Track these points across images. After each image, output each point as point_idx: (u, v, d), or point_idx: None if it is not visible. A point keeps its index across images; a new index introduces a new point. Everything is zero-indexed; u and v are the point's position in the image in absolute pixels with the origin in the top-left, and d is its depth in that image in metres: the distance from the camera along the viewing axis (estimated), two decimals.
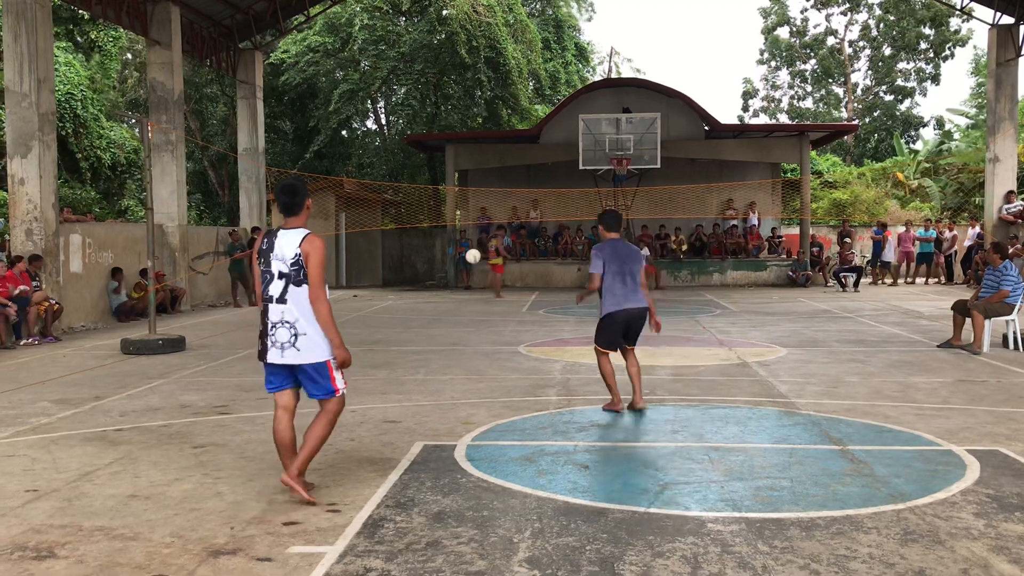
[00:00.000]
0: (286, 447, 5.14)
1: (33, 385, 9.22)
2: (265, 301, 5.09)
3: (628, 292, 7.30)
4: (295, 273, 4.99)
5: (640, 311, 7.41)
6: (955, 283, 23.24)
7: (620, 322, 7.34)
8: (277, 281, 5.03)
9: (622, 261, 7.33)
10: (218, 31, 21.71)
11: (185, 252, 18.67)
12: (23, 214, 13.84)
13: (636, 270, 7.39)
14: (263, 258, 5.09)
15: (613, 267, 7.29)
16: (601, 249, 7.40)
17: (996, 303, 10.89)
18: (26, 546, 4.37)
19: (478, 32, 28.97)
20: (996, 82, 21.84)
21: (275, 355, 5.05)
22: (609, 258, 7.32)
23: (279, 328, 5.02)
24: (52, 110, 14.31)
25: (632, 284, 7.32)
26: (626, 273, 7.31)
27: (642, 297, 7.39)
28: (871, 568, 3.98)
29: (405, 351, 11.37)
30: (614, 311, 7.31)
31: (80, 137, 24.80)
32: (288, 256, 4.99)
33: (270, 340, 5.05)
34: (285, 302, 5.01)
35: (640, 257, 7.53)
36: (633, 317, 7.41)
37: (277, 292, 5.03)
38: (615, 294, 7.29)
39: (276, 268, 5.03)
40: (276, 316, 5.04)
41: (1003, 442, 6.28)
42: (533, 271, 24.94)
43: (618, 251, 7.37)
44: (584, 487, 5.26)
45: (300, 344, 4.99)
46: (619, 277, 7.29)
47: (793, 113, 49.19)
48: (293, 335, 5.00)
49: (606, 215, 7.76)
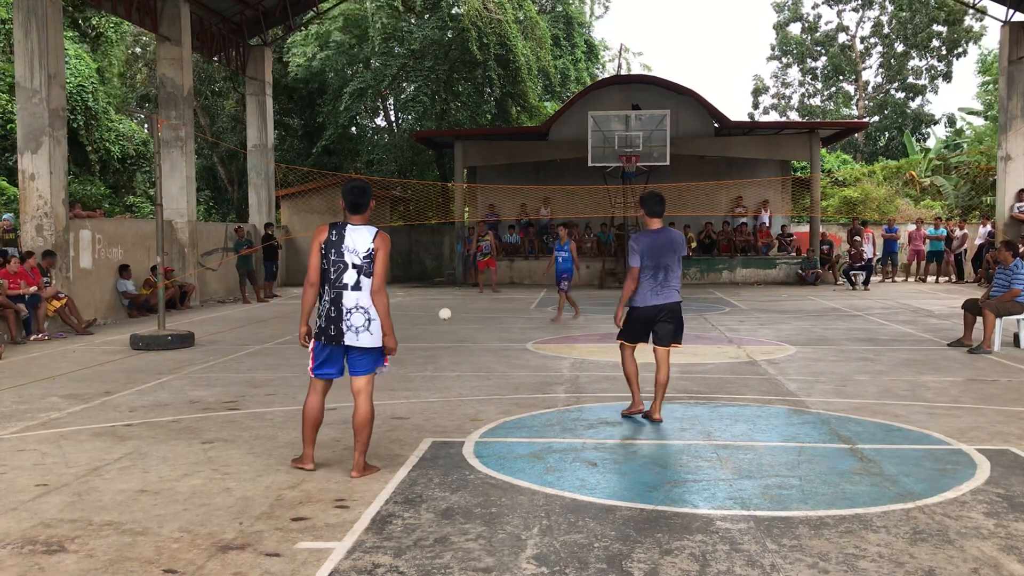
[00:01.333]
0: (316, 424, 5.59)
1: (43, 380, 9.26)
2: (338, 289, 5.38)
3: (658, 287, 6.87)
4: (367, 265, 5.39)
5: (670, 307, 6.93)
6: (966, 282, 23.14)
7: (645, 319, 6.95)
8: (351, 271, 5.38)
9: (658, 254, 6.85)
10: (228, 27, 21.75)
11: (194, 248, 18.72)
12: (33, 210, 13.89)
13: (672, 263, 6.90)
14: (333, 248, 5.40)
15: (648, 260, 6.85)
16: (639, 240, 6.90)
17: (1007, 302, 10.83)
18: (36, 540, 4.39)
19: (488, 29, 28.96)
20: (1008, 80, 21.69)
21: (351, 338, 5.37)
22: (647, 250, 6.85)
23: (355, 313, 5.37)
24: (62, 106, 14.35)
25: (664, 279, 6.88)
26: (660, 267, 6.87)
27: (674, 292, 6.93)
28: (880, 567, 3.96)
29: (413, 348, 11.38)
30: (639, 306, 6.94)
31: (91, 130, 24.88)
32: (361, 250, 5.39)
33: (345, 324, 5.36)
34: (360, 290, 5.38)
35: (680, 248, 6.97)
36: (661, 314, 6.92)
37: (352, 281, 5.38)
38: (643, 288, 6.90)
39: (349, 259, 5.39)
40: (351, 302, 5.37)
41: (1014, 441, 6.25)
42: (541, 268, 24.89)
43: (656, 243, 6.87)
44: (592, 484, 5.26)
45: (373, 329, 5.40)
46: (651, 271, 6.85)
47: (803, 110, 49.02)
48: (367, 320, 5.38)
49: (649, 199, 7.05)
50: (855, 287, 21.64)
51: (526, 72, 30.54)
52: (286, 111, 32.42)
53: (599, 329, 13.43)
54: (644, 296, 6.91)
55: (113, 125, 25.99)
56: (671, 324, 6.96)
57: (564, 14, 37.09)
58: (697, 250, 25.10)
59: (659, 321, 6.94)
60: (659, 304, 6.90)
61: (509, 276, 24.82)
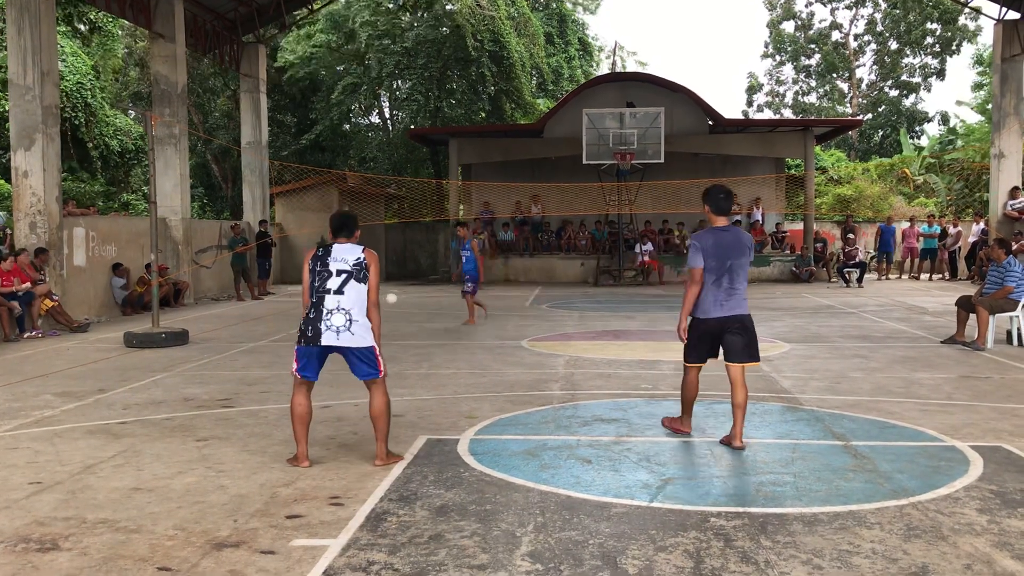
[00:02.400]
0: (305, 421, 5.62)
1: (36, 378, 9.23)
2: (320, 293, 5.51)
3: (722, 295, 6.03)
4: (357, 271, 5.53)
5: (738, 320, 6.06)
6: (959, 279, 23.20)
7: (709, 333, 6.11)
8: (335, 277, 5.51)
9: (724, 255, 6.01)
10: (221, 24, 21.70)
11: (188, 246, 18.68)
12: (27, 207, 13.85)
13: (739, 267, 6.04)
14: (319, 262, 5.58)
15: (712, 263, 6.01)
16: (702, 239, 6.09)
17: (1000, 299, 10.86)
18: (30, 538, 4.38)
19: (482, 26, 28.93)
20: (1001, 78, 21.76)
21: (330, 337, 5.46)
22: (711, 251, 6.01)
23: (335, 314, 5.47)
24: (56, 103, 14.31)
25: (730, 285, 6.02)
26: (724, 272, 6.02)
27: (742, 303, 6.07)
28: (874, 563, 3.97)
29: (408, 345, 11.37)
30: (699, 318, 6.12)
31: (91, 126, 24.87)
32: (350, 259, 5.56)
33: (324, 324, 5.46)
34: (343, 293, 5.49)
35: (747, 249, 6.09)
36: (728, 329, 6.07)
37: (335, 285, 5.50)
38: (705, 297, 6.06)
39: (335, 267, 5.53)
40: (332, 304, 5.48)
41: (1006, 438, 6.27)
42: (536, 266, 24.93)
43: (722, 242, 6.03)
44: (587, 481, 5.26)
45: (354, 329, 5.47)
46: (715, 275, 6.01)
47: (797, 108, 49.08)
48: (348, 320, 5.47)
49: (715, 193, 6.20)
50: (849, 284, 21.69)
51: (519, 69, 30.52)
52: (280, 108, 32.36)
53: (594, 327, 13.44)
54: (706, 306, 6.07)
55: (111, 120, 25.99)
56: (742, 337, 6.08)
57: (558, 11, 37.07)
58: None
59: (727, 334, 6.10)
60: (723, 317, 6.05)
61: (504, 274, 24.83)
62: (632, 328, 13.22)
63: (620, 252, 23.62)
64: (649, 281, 23.09)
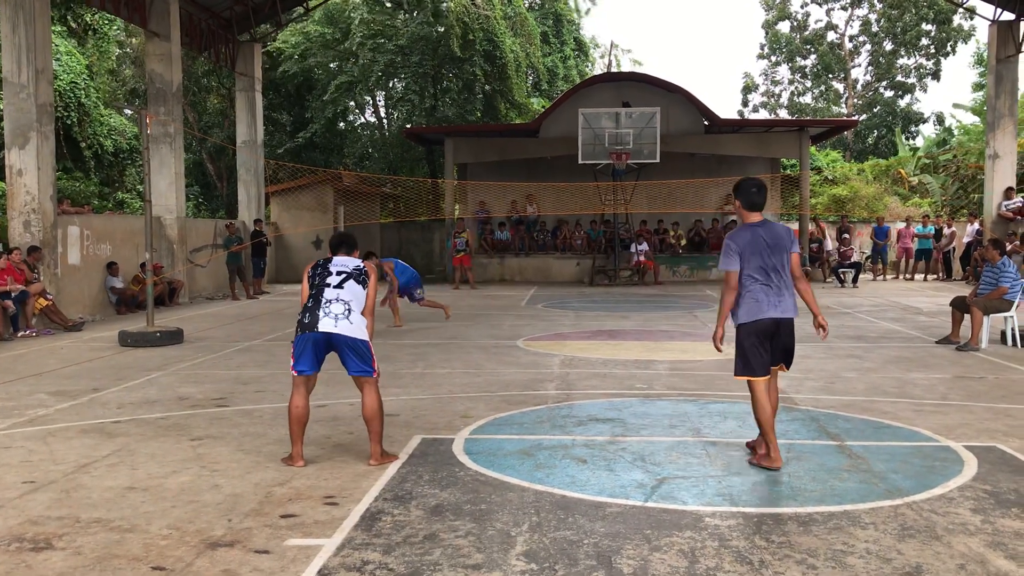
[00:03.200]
0: (302, 422, 5.64)
1: (30, 377, 9.21)
2: (319, 288, 5.59)
3: (774, 294, 5.51)
4: (357, 274, 5.67)
5: (788, 323, 5.58)
6: (954, 279, 23.26)
7: (763, 335, 5.54)
8: (335, 276, 5.63)
9: (765, 252, 5.52)
10: (217, 23, 21.66)
11: (183, 244, 18.65)
12: (21, 206, 13.81)
13: (783, 263, 5.56)
14: (320, 269, 5.71)
15: (753, 261, 5.51)
16: (736, 238, 5.60)
17: (995, 300, 10.89)
18: (23, 537, 4.37)
19: (476, 25, 28.90)
20: (996, 78, 21.83)
21: (328, 324, 5.48)
22: (748, 250, 5.53)
23: (334, 303, 5.52)
24: (50, 101, 14.27)
25: (778, 283, 5.52)
26: (770, 269, 5.52)
27: (792, 303, 5.57)
28: (868, 563, 3.98)
29: (403, 344, 11.36)
30: (751, 320, 5.54)
31: (84, 125, 24.82)
32: (350, 265, 5.72)
33: (323, 312, 5.50)
34: (342, 288, 5.58)
35: (789, 243, 5.61)
36: (782, 330, 5.58)
37: (335, 282, 5.60)
38: (755, 297, 5.52)
39: (335, 269, 5.67)
40: (331, 295, 5.55)
41: (1000, 438, 6.28)
42: (532, 265, 24.93)
43: (759, 239, 5.54)
44: (582, 481, 5.26)
45: (353, 319, 5.52)
46: (760, 274, 5.51)
47: (793, 108, 49.13)
48: (347, 310, 5.52)
49: (746, 187, 5.70)
50: (844, 284, 21.73)
51: (514, 69, 30.50)
52: (275, 107, 32.33)
53: (589, 326, 13.44)
54: (760, 306, 5.51)
55: (105, 119, 25.92)
56: (787, 342, 5.65)
57: (553, 11, 37.07)
58: (687, 247, 25.16)
59: (781, 339, 5.60)
60: (777, 318, 5.52)
61: (500, 273, 24.83)
62: (627, 328, 13.23)
63: (616, 252, 23.63)
64: (644, 281, 23.10)
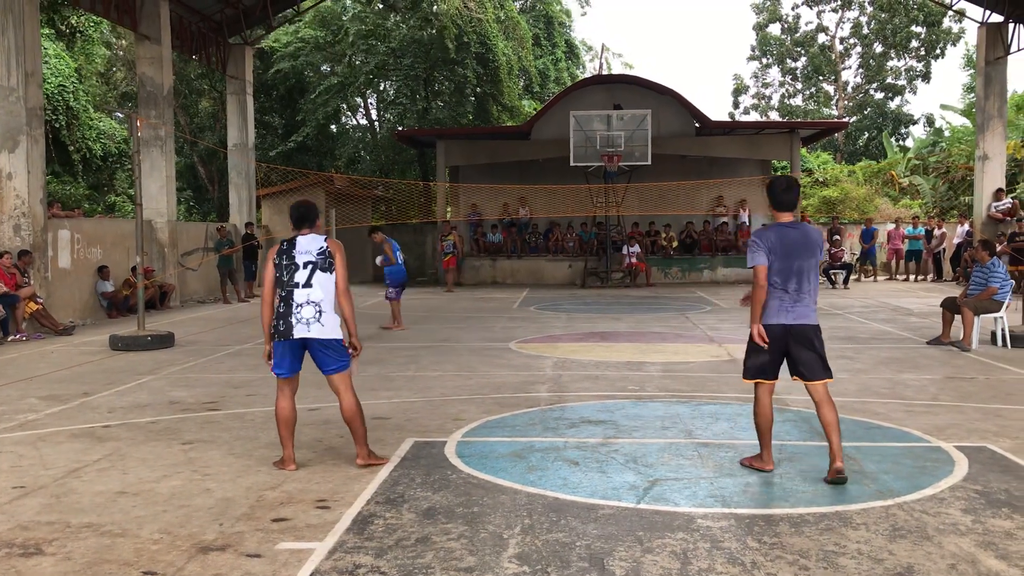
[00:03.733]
0: (290, 424, 5.62)
1: (21, 381, 9.17)
2: (289, 288, 5.51)
3: (788, 300, 5.35)
4: (322, 260, 5.54)
5: (806, 330, 5.38)
6: (944, 280, 23.34)
7: (773, 341, 5.38)
8: (302, 270, 5.52)
9: (791, 254, 5.33)
10: (207, 26, 21.63)
11: (174, 248, 18.60)
12: (11, 209, 13.75)
13: (809, 268, 5.37)
14: (284, 256, 5.58)
15: (777, 263, 5.34)
16: (763, 236, 5.42)
17: (985, 300, 10.93)
18: (13, 543, 4.35)
19: (468, 28, 28.92)
20: (985, 80, 21.93)
21: (302, 330, 5.47)
22: (776, 249, 5.34)
23: (304, 307, 5.48)
24: (40, 104, 14.21)
25: (797, 288, 5.34)
26: (792, 273, 5.34)
27: (811, 310, 5.39)
28: (860, 564, 3.99)
29: (395, 347, 11.35)
30: (765, 324, 5.40)
31: (73, 129, 24.72)
32: (314, 249, 5.57)
33: (295, 318, 5.48)
34: (311, 286, 5.50)
35: (817, 248, 5.43)
36: (796, 337, 5.37)
37: (303, 279, 5.51)
38: (770, 301, 5.38)
39: (301, 260, 5.54)
40: (302, 298, 5.50)
41: (991, 438, 6.31)
42: (524, 267, 24.93)
43: (787, 240, 5.35)
44: (574, 483, 5.26)
45: (324, 320, 5.49)
46: (781, 277, 5.34)
47: (783, 111, 49.25)
48: (318, 311, 5.48)
49: (775, 186, 5.51)
50: (835, 286, 21.79)
51: (506, 72, 30.52)
52: (266, 110, 32.28)
53: (581, 328, 13.45)
54: (768, 311, 5.40)
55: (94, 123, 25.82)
56: (812, 351, 5.40)
57: (544, 14, 37.11)
58: (678, 249, 25.20)
59: (794, 347, 5.39)
60: (788, 324, 5.35)
61: (492, 276, 24.82)
62: (619, 330, 13.24)
63: (607, 254, 23.65)
64: (636, 283, 23.13)
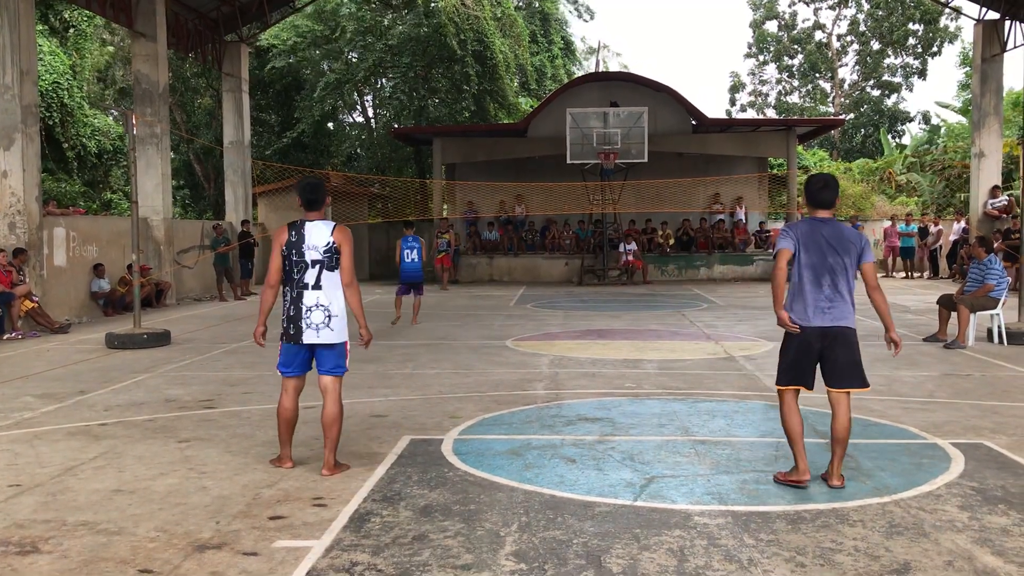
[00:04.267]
0: (291, 423, 5.61)
1: (16, 379, 9.15)
2: (299, 288, 5.44)
3: (823, 299, 5.03)
4: (328, 259, 5.43)
5: (842, 333, 5.06)
6: (940, 277, 23.37)
7: (807, 345, 5.08)
8: (312, 268, 5.43)
9: (824, 250, 5.02)
10: (203, 23, 21.58)
11: (170, 246, 18.57)
12: (6, 207, 13.71)
13: (845, 267, 5.05)
14: (294, 249, 5.45)
15: (807, 257, 5.04)
16: (794, 227, 5.14)
17: (981, 297, 10.95)
18: (9, 541, 4.34)
19: (466, 25, 28.90)
20: (981, 77, 21.95)
21: (311, 335, 5.42)
22: (805, 242, 5.05)
23: (315, 311, 5.42)
24: (35, 102, 14.18)
25: (832, 287, 5.03)
26: (826, 270, 5.02)
27: (848, 311, 5.08)
28: (856, 561, 3.99)
29: (392, 345, 11.34)
30: (802, 327, 5.08)
31: (67, 126, 24.64)
32: (321, 245, 5.43)
33: (304, 323, 5.42)
34: (320, 288, 5.43)
35: (858, 248, 5.10)
36: (830, 342, 5.06)
37: (312, 279, 5.43)
38: (804, 300, 5.06)
39: (310, 257, 5.43)
40: (312, 301, 5.42)
41: (987, 435, 6.32)
42: (520, 265, 24.93)
43: (819, 234, 5.05)
44: (571, 481, 5.26)
45: (333, 325, 5.43)
46: (813, 274, 5.03)
47: (780, 108, 49.30)
48: (327, 316, 5.42)
49: (811, 185, 5.19)
50: None
51: (503, 69, 30.50)
52: (262, 107, 32.24)
53: (578, 326, 13.45)
54: (803, 311, 5.07)
55: (89, 120, 25.75)
56: (847, 353, 5.09)
57: (540, 11, 37.07)
58: (675, 247, 25.21)
59: (828, 349, 5.09)
60: (824, 327, 5.04)
61: (489, 274, 24.81)
62: (616, 327, 13.24)
63: (604, 251, 23.65)
64: (633, 280, 23.14)
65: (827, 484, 5.12)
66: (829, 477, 5.14)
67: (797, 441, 5.12)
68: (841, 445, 5.11)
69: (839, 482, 5.10)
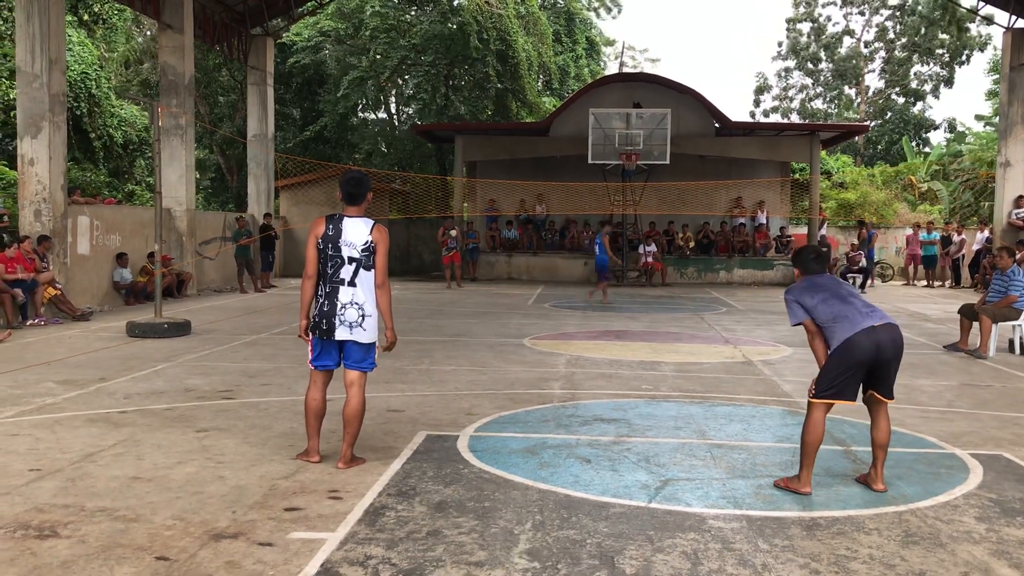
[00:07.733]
0: (319, 415, 5.59)
1: (39, 365, 9.25)
2: (334, 284, 5.41)
3: (859, 309, 5.12)
4: (365, 258, 5.41)
5: (894, 336, 5.12)
6: (963, 287, 23.16)
7: (865, 352, 5.00)
8: (348, 265, 5.41)
9: (829, 286, 5.27)
10: (230, 16, 21.71)
11: (192, 237, 18.70)
12: (32, 195, 13.86)
13: (851, 291, 5.33)
14: (330, 243, 5.41)
15: (821, 297, 5.19)
16: (794, 291, 5.31)
17: (1004, 308, 10.85)
18: (29, 524, 4.39)
19: (489, 24, 28.91)
20: (1009, 86, 21.70)
21: (343, 332, 5.41)
22: (811, 292, 5.24)
23: (349, 308, 5.40)
24: (63, 91, 14.32)
25: (860, 302, 5.21)
26: (844, 292, 5.24)
27: (882, 312, 5.19)
28: (871, 569, 3.97)
29: (409, 341, 11.37)
30: (852, 334, 5.01)
31: (94, 116, 24.84)
32: (359, 243, 5.40)
33: (338, 319, 5.40)
34: (356, 285, 5.41)
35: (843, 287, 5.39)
36: (886, 345, 5.06)
37: (348, 276, 5.41)
38: (847, 316, 5.08)
39: (346, 253, 5.40)
40: (347, 297, 5.40)
41: (1006, 447, 6.27)
42: (539, 264, 24.91)
43: (818, 281, 5.30)
44: (586, 481, 5.26)
45: (366, 324, 5.44)
46: (835, 300, 5.17)
47: (804, 113, 49.02)
48: (361, 315, 5.42)
49: (803, 256, 5.49)
50: None
51: (526, 68, 30.49)
52: (284, 101, 32.38)
53: (596, 326, 13.43)
54: (852, 322, 5.08)
55: (115, 111, 25.95)
56: (897, 360, 5.18)
57: (565, 10, 37.02)
58: (695, 250, 25.13)
59: (884, 357, 5.08)
60: (875, 325, 5.06)
61: (507, 272, 24.82)
62: (634, 329, 13.22)
63: (624, 253, 23.60)
64: (652, 282, 23.08)
65: (871, 489, 5.17)
66: (873, 481, 5.20)
67: (812, 454, 5.14)
68: (883, 450, 5.23)
69: (884, 486, 5.18)
